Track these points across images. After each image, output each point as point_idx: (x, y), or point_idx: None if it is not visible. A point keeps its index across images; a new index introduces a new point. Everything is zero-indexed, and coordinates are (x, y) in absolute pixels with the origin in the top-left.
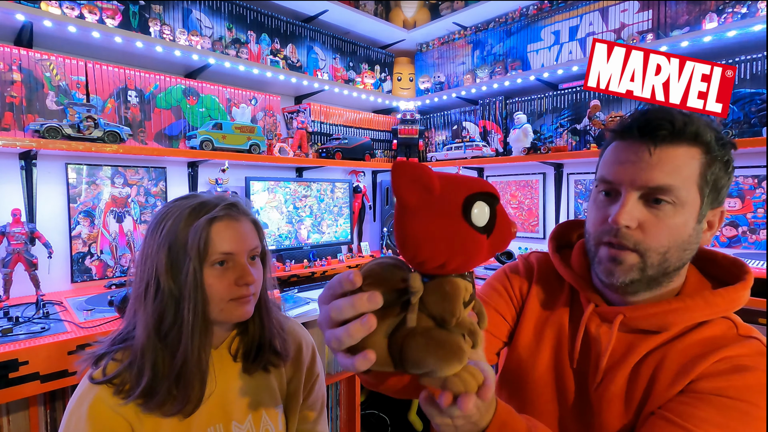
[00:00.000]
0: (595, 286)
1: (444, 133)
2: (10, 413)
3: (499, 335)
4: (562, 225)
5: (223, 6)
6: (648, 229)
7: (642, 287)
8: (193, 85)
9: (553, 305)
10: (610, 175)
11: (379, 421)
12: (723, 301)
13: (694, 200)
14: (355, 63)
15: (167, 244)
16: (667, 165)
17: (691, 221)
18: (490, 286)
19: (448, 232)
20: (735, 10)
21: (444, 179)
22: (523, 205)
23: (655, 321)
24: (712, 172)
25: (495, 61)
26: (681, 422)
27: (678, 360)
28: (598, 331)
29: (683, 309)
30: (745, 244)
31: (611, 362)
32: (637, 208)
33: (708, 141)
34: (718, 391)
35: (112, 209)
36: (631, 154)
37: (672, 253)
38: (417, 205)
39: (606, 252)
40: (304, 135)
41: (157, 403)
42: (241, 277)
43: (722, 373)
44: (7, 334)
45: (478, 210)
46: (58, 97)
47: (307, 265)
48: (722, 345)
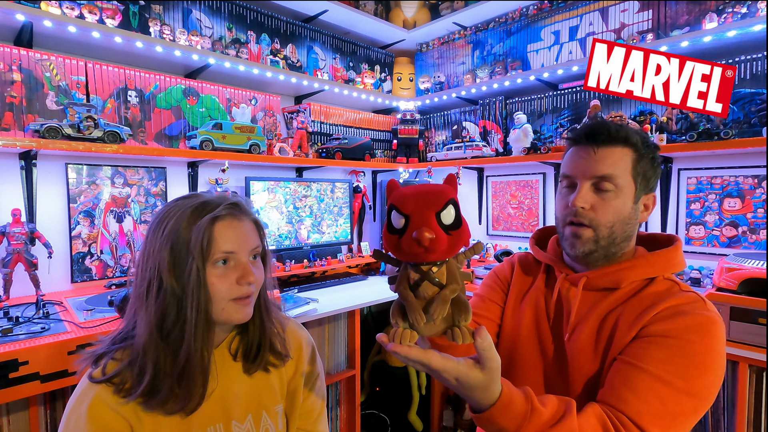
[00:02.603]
0: (566, 262)
1: (444, 133)
2: (10, 413)
3: (494, 318)
4: (541, 229)
5: (223, 6)
6: (598, 209)
7: (600, 258)
8: (193, 85)
9: (530, 282)
10: (569, 170)
11: (379, 421)
12: (661, 260)
13: (630, 186)
14: (355, 63)
15: (170, 243)
16: (608, 159)
17: (629, 202)
18: (484, 283)
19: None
20: (735, 10)
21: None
22: (523, 205)
23: (610, 278)
24: (641, 166)
25: (495, 61)
26: (635, 362)
27: (632, 312)
28: (567, 293)
29: (630, 267)
30: (745, 244)
31: (579, 317)
32: (589, 193)
33: (635, 143)
34: (663, 333)
35: (112, 209)
36: (582, 153)
37: (617, 227)
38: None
39: (569, 230)
40: (304, 135)
41: (159, 402)
42: (243, 276)
43: (666, 318)
44: (7, 334)
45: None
46: (58, 97)
47: (307, 265)
48: (667, 297)
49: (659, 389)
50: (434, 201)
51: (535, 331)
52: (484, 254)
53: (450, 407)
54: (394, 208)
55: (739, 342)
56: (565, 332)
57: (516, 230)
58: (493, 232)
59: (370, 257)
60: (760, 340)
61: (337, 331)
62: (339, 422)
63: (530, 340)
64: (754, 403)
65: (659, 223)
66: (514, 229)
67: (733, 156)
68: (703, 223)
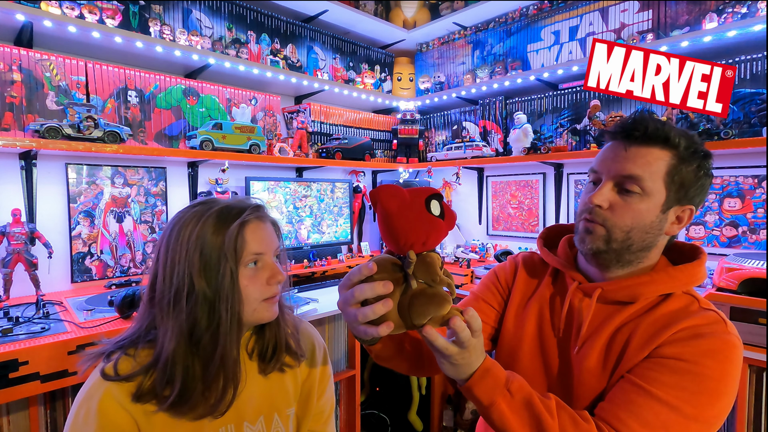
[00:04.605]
0: (579, 267)
1: (444, 133)
2: (10, 413)
3: (487, 321)
4: (549, 228)
5: (223, 6)
6: (616, 210)
7: (612, 261)
8: (193, 85)
9: (536, 286)
10: (597, 165)
11: (379, 421)
12: (682, 275)
13: (660, 192)
14: (355, 63)
15: (199, 248)
16: (639, 159)
17: (654, 209)
18: (481, 282)
19: (421, 221)
20: (735, 10)
21: (409, 190)
22: (523, 205)
23: (627, 292)
24: (680, 172)
25: (495, 61)
26: (642, 384)
27: (647, 330)
28: (580, 304)
29: (649, 282)
30: (745, 244)
31: (590, 330)
32: (610, 192)
33: (677, 145)
34: (676, 356)
35: (112, 209)
36: (612, 150)
37: (635, 233)
38: (398, 209)
39: (583, 224)
40: (304, 135)
41: (189, 407)
42: (273, 276)
43: (682, 340)
44: (7, 334)
45: (433, 205)
46: (58, 97)
47: (307, 265)
48: (684, 316)
49: (665, 415)
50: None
51: (539, 342)
52: (484, 254)
53: (450, 407)
54: (436, 197)
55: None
56: (574, 345)
57: (516, 230)
58: (493, 232)
59: (369, 257)
60: (760, 340)
61: (337, 331)
62: (339, 422)
63: (533, 350)
64: (754, 403)
65: None
66: (514, 229)
67: (733, 156)
68: (703, 223)
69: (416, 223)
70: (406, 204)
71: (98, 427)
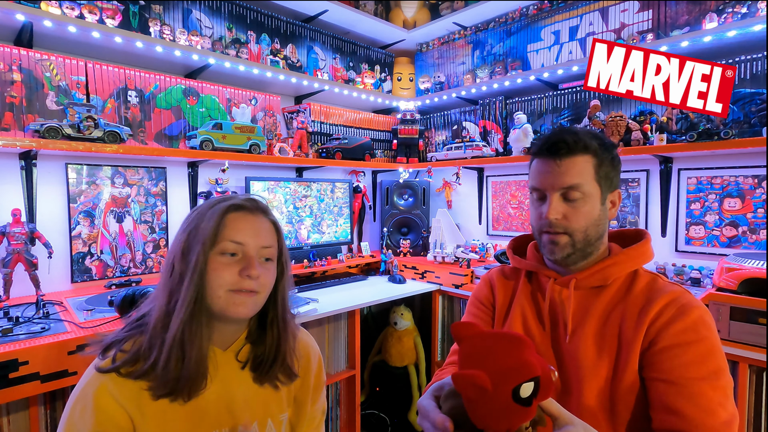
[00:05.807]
0: (549, 266)
1: (444, 133)
2: (10, 413)
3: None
4: (515, 239)
5: (223, 6)
6: (570, 217)
7: (578, 259)
8: (193, 85)
9: (512, 291)
10: (538, 184)
11: (379, 421)
12: (636, 254)
13: (596, 190)
14: (355, 63)
15: (187, 230)
16: (572, 170)
17: (597, 205)
18: (467, 311)
19: (506, 412)
20: (735, 10)
21: (494, 374)
22: (523, 205)
23: (598, 276)
24: (602, 169)
25: (495, 61)
26: (668, 377)
27: (633, 308)
28: (560, 296)
29: (612, 264)
30: (745, 244)
31: (576, 319)
32: (560, 204)
33: (594, 149)
34: (679, 334)
35: (112, 209)
36: (546, 167)
37: (590, 229)
38: (477, 398)
39: (546, 237)
40: (304, 135)
41: (162, 381)
42: (246, 268)
43: (672, 319)
44: (7, 334)
45: (523, 390)
46: (58, 97)
47: (307, 265)
48: (659, 290)
49: (706, 389)
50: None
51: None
52: (484, 254)
53: None
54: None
55: (739, 342)
56: (564, 336)
57: (516, 230)
58: (493, 232)
59: (369, 257)
60: (760, 340)
61: (337, 331)
62: (339, 422)
63: None
64: (754, 403)
65: (659, 224)
66: (514, 229)
67: (733, 156)
68: (703, 223)
69: (498, 415)
70: (487, 395)
71: (95, 422)
